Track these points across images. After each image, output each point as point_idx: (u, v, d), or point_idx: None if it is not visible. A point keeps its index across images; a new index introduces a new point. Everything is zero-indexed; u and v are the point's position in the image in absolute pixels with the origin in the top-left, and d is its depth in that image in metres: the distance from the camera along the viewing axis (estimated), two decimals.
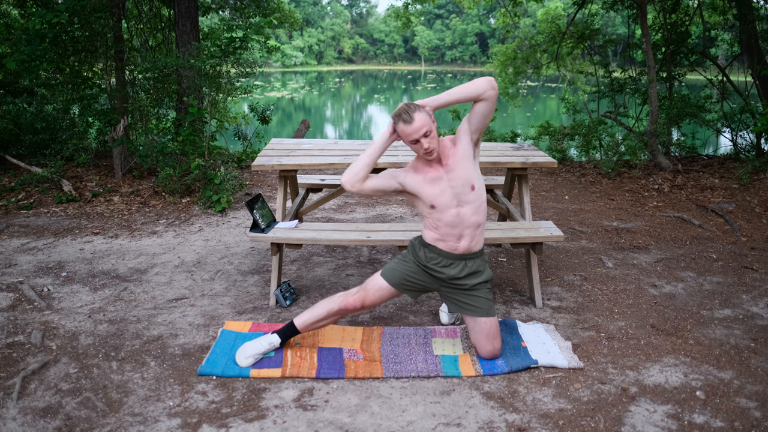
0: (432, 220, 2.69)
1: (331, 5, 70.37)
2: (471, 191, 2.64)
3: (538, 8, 12.58)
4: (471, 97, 2.57)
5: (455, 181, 2.62)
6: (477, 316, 2.73)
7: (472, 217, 2.65)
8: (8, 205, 5.14)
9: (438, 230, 2.68)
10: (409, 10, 11.33)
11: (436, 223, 2.67)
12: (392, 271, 2.76)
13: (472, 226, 2.66)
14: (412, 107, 2.55)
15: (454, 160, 2.64)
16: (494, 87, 2.55)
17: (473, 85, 2.56)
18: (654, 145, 6.55)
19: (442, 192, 2.63)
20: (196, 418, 2.34)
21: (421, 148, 2.56)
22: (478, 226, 2.69)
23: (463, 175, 2.62)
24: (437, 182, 2.63)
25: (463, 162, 2.63)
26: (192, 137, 5.72)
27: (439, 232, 2.68)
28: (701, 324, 3.20)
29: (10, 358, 2.74)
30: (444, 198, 2.63)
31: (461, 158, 2.64)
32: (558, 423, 2.33)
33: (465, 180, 2.62)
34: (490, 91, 2.54)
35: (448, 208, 2.63)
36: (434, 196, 2.63)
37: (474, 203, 2.65)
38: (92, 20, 5.59)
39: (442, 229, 2.66)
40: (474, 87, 2.55)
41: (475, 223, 2.67)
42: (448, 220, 2.64)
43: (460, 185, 2.62)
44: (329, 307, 2.74)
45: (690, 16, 7.71)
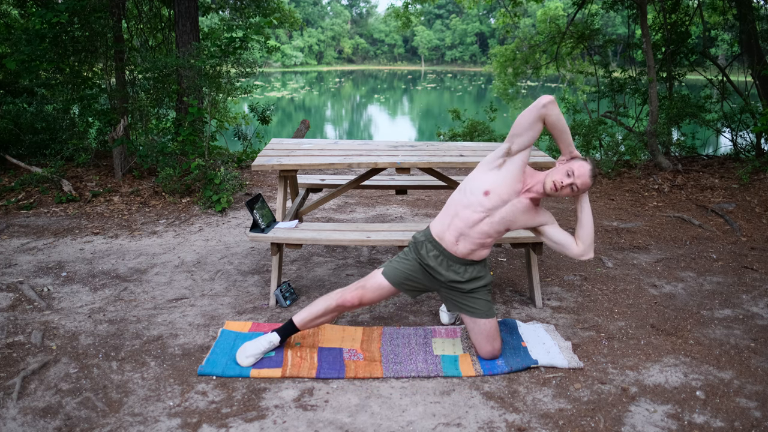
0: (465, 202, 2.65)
1: (331, 5, 70.38)
2: (502, 229, 2.67)
3: (537, 8, 12.59)
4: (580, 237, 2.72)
5: (510, 213, 2.63)
6: (476, 317, 2.73)
7: (480, 237, 2.65)
8: (8, 205, 5.14)
9: (454, 217, 2.66)
10: (409, 10, 11.34)
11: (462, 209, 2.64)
12: (393, 270, 2.76)
13: (477, 238, 2.65)
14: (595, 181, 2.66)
15: (527, 209, 2.66)
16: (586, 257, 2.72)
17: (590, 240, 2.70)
18: (654, 145, 6.55)
19: (503, 200, 2.62)
20: (196, 418, 2.34)
21: (561, 184, 2.57)
22: (481, 245, 2.68)
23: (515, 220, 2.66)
24: (511, 192, 2.63)
25: (523, 218, 2.67)
26: (192, 137, 5.72)
27: (453, 220, 2.66)
28: (701, 324, 3.20)
29: (10, 358, 2.74)
30: (497, 201, 2.62)
31: (528, 216, 2.68)
32: (558, 423, 2.33)
33: (511, 221, 2.66)
34: (584, 256, 2.72)
35: (483, 210, 2.62)
36: (501, 190, 2.62)
37: (492, 235, 2.66)
38: (92, 20, 5.59)
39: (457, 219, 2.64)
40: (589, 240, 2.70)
41: (479, 242, 2.66)
42: (471, 216, 2.62)
43: (506, 219, 2.64)
44: (327, 303, 2.74)
45: (690, 16, 7.71)
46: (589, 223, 2.67)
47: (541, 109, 2.50)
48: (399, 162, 3.44)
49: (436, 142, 4.43)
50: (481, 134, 8.18)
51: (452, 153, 3.73)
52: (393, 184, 4.29)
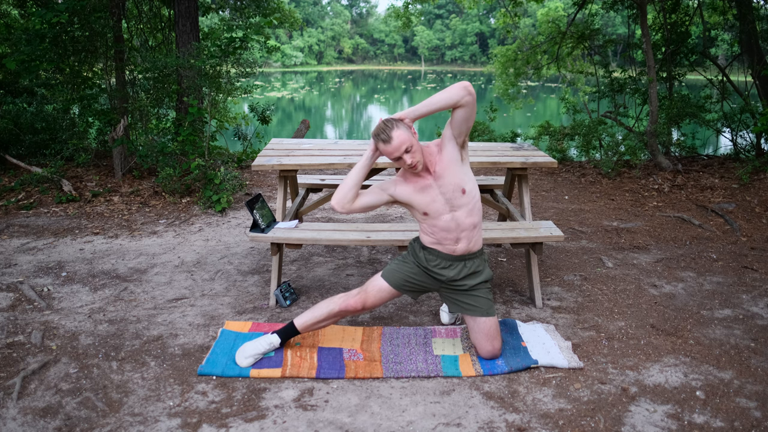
0: (427, 226, 2.70)
1: (331, 5, 70.37)
2: (462, 195, 2.63)
3: (538, 8, 12.59)
4: (449, 105, 2.52)
5: (445, 187, 2.62)
6: (477, 316, 2.73)
7: (467, 219, 2.65)
8: (8, 205, 5.14)
9: (434, 235, 2.69)
10: (409, 10, 11.33)
11: (431, 228, 2.68)
12: (393, 273, 2.76)
13: (468, 229, 2.66)
14: (390, 125, 2.52)
15: (442, 166, 2.63)
16: (471, 92, 2.50)
17: (449, 93, 2.51)
18: (654, 145, 6.55)
19: (433, 199, 2.63)
20: (196, 418, 2.34)
21: (405, 163, 2.55)
22: (474, 227, 2.69)
23: (453, 180, 2.62)
24: (427, 190, 2.63)
25: (450, 167, 2.62)
26: (192, 137, 5.72)
27: (436, 236, 2.69)
28: (701, 324, 3.20)
29: (10, 358, 2.74)
30: (436, 205, 2.63)
31: (448, 164, 2.62)
32: (558, 423, 2.33)
33: (455, 185, 2.62)
34: (467, 96, 2.49)
35: (441, 214, 2.64)
36: (426, 204, 2.64)
37: (467, 206, 2.65)
38: (92, 20, 5.59)
39: (438, 234, 2.67)
40: (450, 94, 2.50)
41: (470, 225, 2.67)
42: (443, 225, 2.65)
43: (451, 191, 2.62)
44: (330, 308, 2.74)
45: (690, 16, 7.71)
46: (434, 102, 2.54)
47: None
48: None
49: None
50: (481, 134, 8.18)
51: None
52: None
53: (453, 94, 2.49)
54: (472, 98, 2.50)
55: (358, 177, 2.67)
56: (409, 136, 2.52)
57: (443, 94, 2.52)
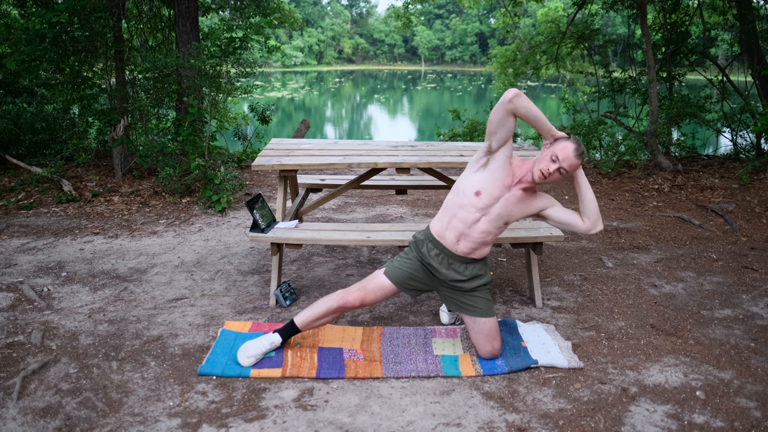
0: (459, 203, 2.66)
1: (331, 5, 70.38)
2: (502, 224, 2.68)
3: (538, 8, 12.59)
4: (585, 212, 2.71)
5: (505, 208, 2.64)
6: (476, 316, 2.73)
7: (480, 234, 2.66)
8: (8, 205, 5.14)
9: (453, 218, 2.67)
10: (409, 10, 11.33)
11: (458, 210, 2.66)
12: (395, 269, 2.76)
13: (476, 239, 2.66)
14: (585, 156, 2.61)
15: (524, 199, 2.67)
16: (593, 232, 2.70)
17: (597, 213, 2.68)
18: (654, 145, 6.55)
19: (495, 197, 2.63)
20: (196, 418, 2.34)
21: (549, 170, 2.55)
22: (482, 243, 2.69)
23: (512, 212, 2.67)
24: (500, 189, 2.64)
25: (523, 208, 2.68)
26: (192, 137, 5.72)
27: (452, 221, 2.67)
28: (701, 324, 3.20)
29: (10, 358, 2.74)
30: (489, 200, 2.63)
31: (526, 205, 2.69)
32: (558, 423, 2.33)
33: (508, 215, 2.67)
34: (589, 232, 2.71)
35: (477, 210, 2.64)
36: (488, 191, 2.63)
37: (493, 231, 2.68)
38: (92, 20, 5.59)
39: (456, 220, 2.66)
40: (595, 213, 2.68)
41: (480, 240, 2.67)
42: (467, 215, 2.64)
43: (503, 215, 2.65)
44: (328, 304, 2.74)
45: (690, 16, 7.71)
46: (591, 197, 2.67)
47: (508, 105, 2.50)
48: (399, 162, 3.44)
49: (436, 142, 4.43)
50: (481, 134, 8.18)
51: (452, 153, 3.73)
52: (393, 184, 4.29)
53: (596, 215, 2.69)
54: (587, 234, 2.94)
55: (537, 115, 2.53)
56: (572, 173, 2.64)
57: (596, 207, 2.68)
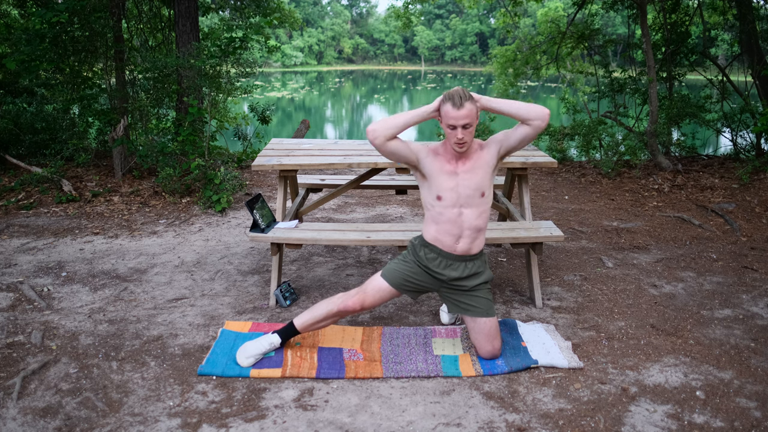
0: (434, 213, 2.68)
1: (331, 5, 70.37)
2: (480, 197, 2.65)
3: (538, 8, 12.59)
4: (522, 116, 2.59)
5: (468, 182, 2.63)
6: (476, 316, 2.73)
7: (475, 221, 2.66)
8: (8, 205, 5.14)
9: (438, 224, 2.67)
10: (410, 9, 11.33)
11: (438, 216, 2.67)
12: (393, 272, 2.76)
13: (472, 229, 2.67)
14: (465, 94, 2.52)
15: (475, 163, 2.64)
16: (545, 120, 2.58)
17: (531, 108, 2.59)
18: (654, 145, 6.55)
19: (452, 189, 2.63)
20: (196, 418, 2.34)
21: (455, 136, 2.54)
22: (479, 230, 2.69)
23: (478, 181, 2.63)
24: (451, 177, 2.63)
25: (482, 168, 2.64)
26: (192, 137, 5.72)
27: (440, 226, 2.67)
28: (701, 324, 3.20)
29: (10, 358, 2.74)
30: (452, 194, 2.63)
31: (482, 164, 2.65)
32: (558, 423, 2.33)
33: (477, 185, 2.63)
34: (540, 122, 2.57)
35: (453, 206, 2.64)
36: (444, 189, 2.63)
37: (479, 208, 2.66)
38: (92, 20, 5.59)
39: (443, 224, 2.66)
40: (530, 110, 2.59)
41: (476, 227, 2.67)
42: (450, 216, 2.64)
43: (472, 189, 2.63)
44: (329, 308, 2.74)
45: (690, 16, 7.71)
46: (514, 105, 2.62)
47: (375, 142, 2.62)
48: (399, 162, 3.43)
49: (436, 142, 4.43)
50: (481, 134, 8.18)
51: None
52: (393, 184, 4.29)
53: (533, 111, 2.59)
54: (542, 125, 2.59)
55: (409, 121, 2.61)
56: (475, 114, 2.53)
57: (525, 105, 2.61)
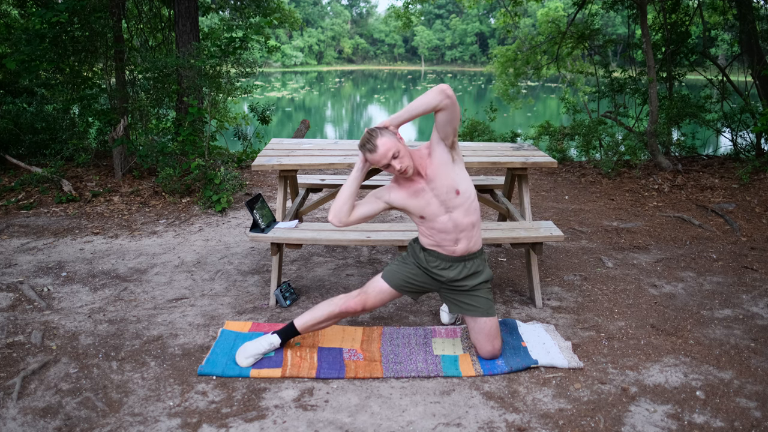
0: (425, 229, 2.70)
1: (331, 5, 70.37)
2: (457, 196, 2.63)
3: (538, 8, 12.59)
4: (429, 109, 2.51)
5: (438, 189, 2.62)
6: (477, 316, 2.73)
7: (465, 219, 2.65)
8: (8, 205, 5.14)
9: (433, 237, 2.69)
10: (410, 9, 11.33)
11: (429, 231, 2.69)
12: (393, 274, 2.77)
13: (466, 229, 2.66)
14: (374, 134, 2.53)
15: (433, 169, 2.62)
16: (449, 95, 2.47)
17: (428, 98, 2.49)
18: (654, 145, 6.55)
19: (428, 203, 2.63)
20: (196, 418, 2.34)
21: (394, 170, 2.55)
22: (473, 226, 2.68)
23: (445, 182, 2.61)
24: (421, 194, 2.63)
25: (442, 169, 2.62)
26: (192, 137, 5.72)
27: (434, 239, 2.69)
28: (701, 324, 3.20)
29: (10, 358, 2.74)
30: (431, 208, 2.63)
31: (439, 166, 2.62)
32: (558, 423, 2.33)
33: (448, 186, 2.62)
34: (445, 100, 2.47)
35: (438, 216, 2.64)
36: (421, 208, 2.64)
37: (463, 206, 2.65)
38: (92, 20, 5.59)
39: (437, 236, 2.67)
40: (428, 99, 2.49)
41: (469, 225, 2.67)
42: (440, 227, 2.65)
43: (444, 192, 2.62)
44: (330, 309, 2.75)
45: (690, 16, 7.71)
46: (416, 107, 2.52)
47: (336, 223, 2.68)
48: None
49: None
50: (481, 134, 8.18)
51: None
52: None
53: (431, 98, 2.49)
54: (450, 101, 2.48)
55: (351, 190, 2.67)
56: (394, 143, 2.52)
57: (422, 99, 2.51)
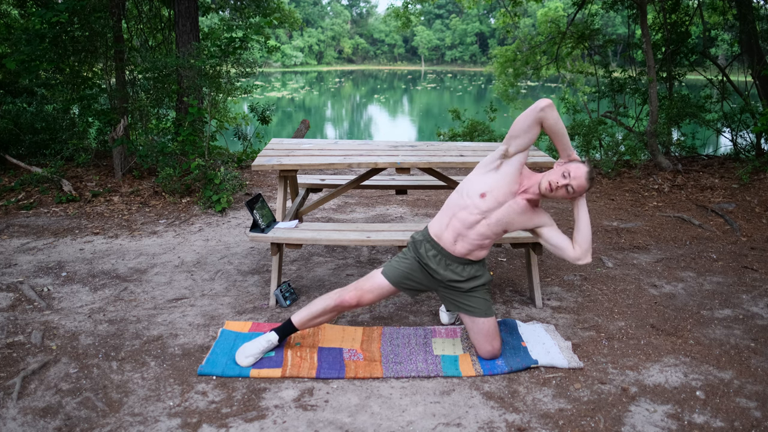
0: (459, 205, 2.66)
1: (331, 5, 70.38)
2: (501, 230, 2.67)
3: (538, 8, 12.59)
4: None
5: (509, 211, 2.63)
6: (475, 316, 2.74)
7: (481, 237, 2.66)
8: (8, 205, 5.14)
9: (455, 216, 2.66)
10: (409, 10, 11.33)
11: (457, 209, 2.66)
12: (393, 269, 2.76)
13: (475, 239, 2.66)
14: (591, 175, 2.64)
15: (526, 207, 2.66)
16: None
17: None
18: (654, 145, 6.55)
19: (500, 202, 2.63)
20: (196, 418, 2.34)
21: (555, 184, 2.58)
22: (480, 246, 2.69)
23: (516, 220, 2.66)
24: (507, 194, 2.64)
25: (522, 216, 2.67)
26: (192, 137, 5.72)
27: (452, 220, 2.66)
28: (701, 324, 3.20)
29: (10, 358, 2.74)
30: (493, 203, 2.62)
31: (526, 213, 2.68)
32: (558, 423, 2.33)
33: (510, 222, 2.66)
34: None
35: (480, 213, 2.63)
36: (497, 192, 2.62)
37: (491, 232, 2.66)
38: (92, 20, 5.59)
39: (457, 218, 2.65)
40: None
41: (478, 241, 2.67)
42: (468, 217, 2.63)
43: (506, 218, 2.64)
44: (326, 303, 2.74)
45: (690, 16, 7.71)
46: (587, 227, 2.69)
47: (539, 113, 2.52)
48: (399, 162, 3.44)
49: (436, 142, 4.43)
50: (481, 134, 8.18)
51: (452, 153, 3.73)
52: (393, 184, 4.29)
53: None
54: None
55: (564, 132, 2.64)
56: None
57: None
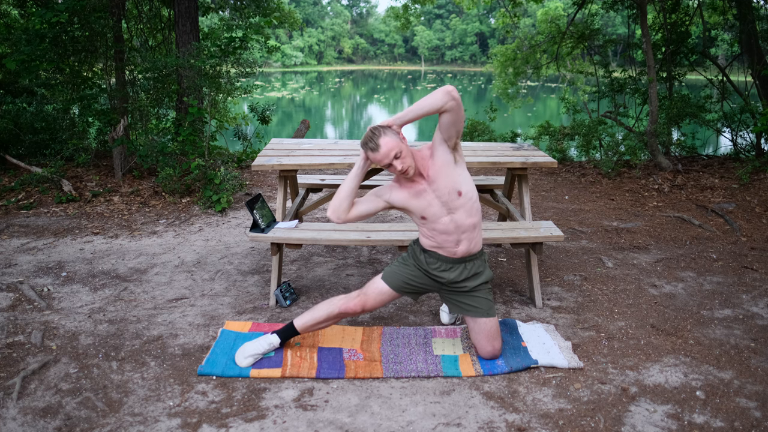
0: (426, 230, 2.69)
1: (331, 5, 70.37)
2: (459, 197, 2.62)
3: (538, 8, 12.59)
4: (433, 110, 2.50)
5: (440, 191, 2.61)
6: (477, 316, 2.73)
7: (467, 220, 2.65)
8: (8, 205, 5.14)
9: (434, 239, 2.68)
10: (409, 11, 11.33)
11: (431, 232, 2.68)
12: (393, 275, 2.76)
13: (468, 230, 2.66)
14: (377, 132, 2.52)
15: (435, 170, 2.61)
16: (454, 97, 2.47)
17: (433, 99, 2.48)
18: (654, 145, 6.55)
19: (429, 204, 2.62)
20: (196, 418, 2.34)
21: (396, 170, 2.55)
22: (474, 227, 2.68)
23: (447, 183, 2.60)
24: (423, 195, 2.63)
25: (444, 171, 2.61)
26: (192, 137, 5.72)
27: (436, 240, 2.68)
28: (701, 324, 3.20)
29: (10, 358, 2.74)
30: (433, 209, 2.63)
31: (441, 167, 2.61)
32: (558, 423, 2.33)
33: (450, 188, 2.61)
34: (450, 102, 2.47)
35: (440, 218, 2.63)
36: (422, 209, 2.63)
37: (465, 207, 2.64)
38: (92, 20, 5.59)
39: (438, 237, 2.67)
40: (434, 100, 2.48)
41: (470, 226, 2.66)
42: (442, 228, 2.64)
43: (446, 194, 2.61)
44: (329, 309, 2.75)
45: (690, 16, 7.71)
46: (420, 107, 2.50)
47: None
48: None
49: None
50: (481, 134, 8.19)
51: None
52: None
53: (437, 99, 2.48)
54: (455, 103, 2.47)
55: (351, 187, 2.67)
56: (397, 142, 2.51)
57: (427, 99, 2.50)
